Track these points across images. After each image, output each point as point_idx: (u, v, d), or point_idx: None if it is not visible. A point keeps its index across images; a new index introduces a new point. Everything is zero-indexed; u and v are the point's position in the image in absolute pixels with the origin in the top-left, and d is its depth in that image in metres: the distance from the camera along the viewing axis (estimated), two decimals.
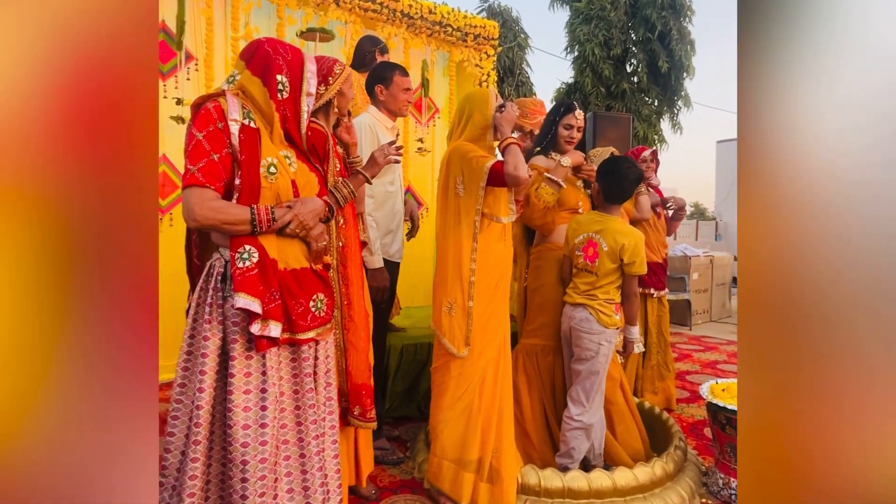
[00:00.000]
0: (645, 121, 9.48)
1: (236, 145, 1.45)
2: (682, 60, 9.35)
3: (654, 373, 3.40)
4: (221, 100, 1.49)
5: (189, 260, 1.70)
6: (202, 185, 1.42)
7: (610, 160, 2.38)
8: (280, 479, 1.53)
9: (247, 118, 1.50)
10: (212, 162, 1.43)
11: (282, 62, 1.53)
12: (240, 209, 1.44)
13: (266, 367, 1.48)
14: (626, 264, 2.22)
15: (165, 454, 1.51)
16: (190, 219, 1.43)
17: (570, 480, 2.09)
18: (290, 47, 1.57)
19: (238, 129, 1.46)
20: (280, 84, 1.52)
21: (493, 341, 2.12)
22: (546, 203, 2.33)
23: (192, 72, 3.90)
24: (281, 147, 1.56)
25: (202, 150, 1.43)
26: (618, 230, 2.25)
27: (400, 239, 2.56)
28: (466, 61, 5.42)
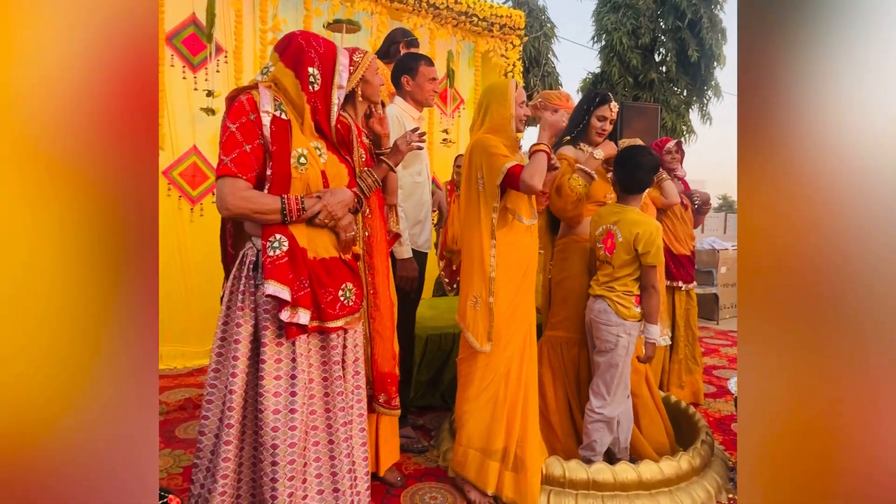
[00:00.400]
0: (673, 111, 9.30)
1: (268, 136, 1.49)
2: (713, 49, 9.14)
3: (682, 367, 3.36)
4: (254, 92, 1.53)
5: (224, 249, 1.74)
6: (234, 175, 1.46)
7: (625, 150, 2.34)
8: (309, 464, 1.57)
9: (278, 110, 1.53)
10: (244, 153, 1.47)
11: (314, 55, 1.55)
12: (270, 199, 1.48)
13: (296, 354, 1.52)
14: (641, 254, 2.18)
15: (200, 437, 1.56)
16: (222, 208, 1.47)
17: (594, 472, 2.09)
18: (323, 40, 1.60)
19: (270, 121, 1.50)
20: (312, 76, 1.55)
21: (518, 332, 2.13)
22: (578, 194, 2.31)
23: (221, 64, 3.97)
24: (311, 138, 1.59)
25: (235, 142, 1.47)
26: (632, 220, 2.21)
27: (428, 229, 2.57)
28: (492, 51, 5.39)
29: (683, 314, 3.37)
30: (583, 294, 2.37)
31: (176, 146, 3.85)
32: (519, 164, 2.03)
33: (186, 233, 3.85)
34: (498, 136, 2.14)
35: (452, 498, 2.18)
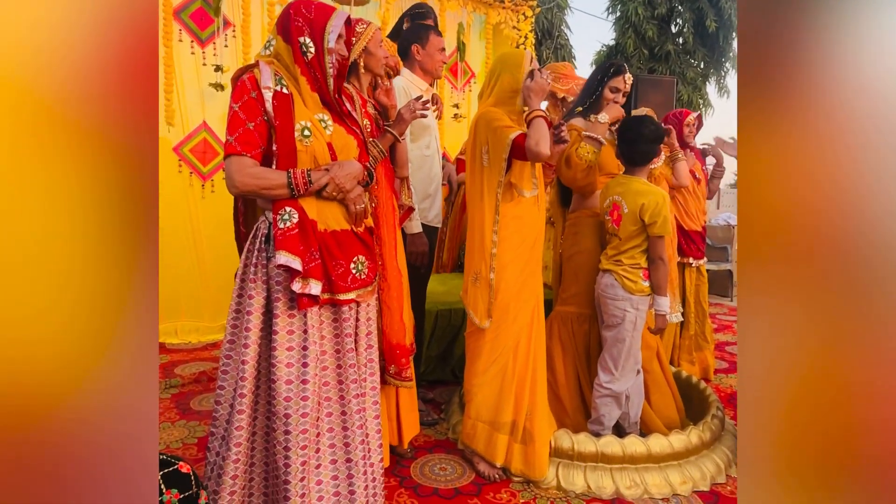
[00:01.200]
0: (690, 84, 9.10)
1: (271, 112, 1.49)
2: (732, 19, 8.87)
3: (692, 343, 3.34)
4: (255, 70, 1.53)
5: (236, 227, 1.77)
6: (240, 153, 1.47)
7: (627, 121, 2.28)
8: (322, 434, 1.60)
9: (279, 84, 1.53)
10: (248, 130, 1.48)
11: (301, 23, 1.53)
12: (277, 174, 1.49)
13: (307, 326, 1.54)
14: (648, 225, 2.14)
15: (216, 406, 1.60)
16: (231, 186, 1.49)
17: (603, 445, 2.10)
18: (316, 7, 1.56)
19: (272, 96, 1.50)
20: (303, 46, 1.53)
21: (526, 306, 2.12)
22: (588, 162, 2.27)
23: (229, 38, 3.93)
24: (316, 110, 1.58)
25: (238, 121, 1.49)
26: (637, 190, 2.17)
27: (438, 204, 2.55)
28: (503, 23, 5.28)
29: (694, 290, 3.34)
30: (594, 269, 2.35)
31: (186, 122, 3.84)
32: (523, 134, 1.99)
33: (198, 209, 3.87)
34: (504, 107, 2.11)
35: (462, 469, 2.21)
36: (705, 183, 3.42)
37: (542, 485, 2.07)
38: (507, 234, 2.09)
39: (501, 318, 2.09)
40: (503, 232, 2.09)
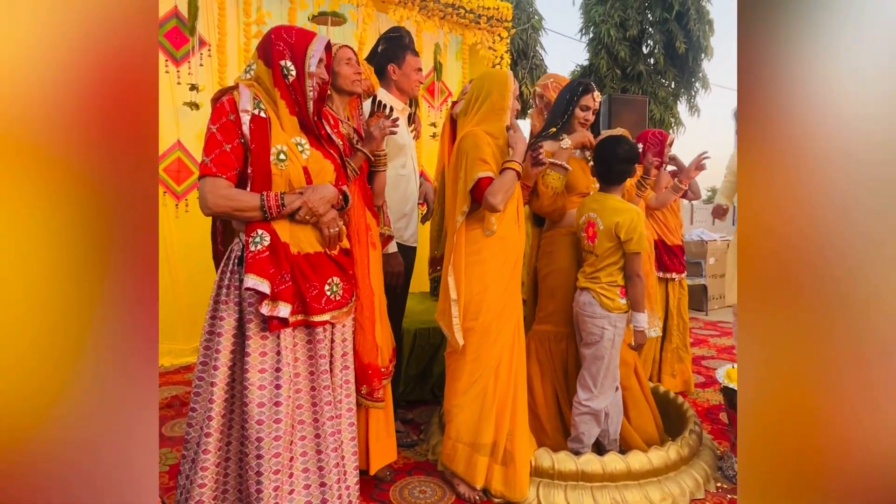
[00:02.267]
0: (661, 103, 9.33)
1: (247, 135, 1.51)
2: (700, 41, 9.17)
3: (674, 356, 3.38)
4: (235, 92, 1.55)
5: (214, 246, 1.77)
6: (215, 174, 1.48)
7: (602, 141, 2.31)
8: (296, 458, 1.57)
9: (257, 108, 1.54)
10: (224, 152, 1.49)
11: (283, 47, 1.55)
12: (250, 196, 1.49)
13: (280, 348, 1.53)
14: (624, 242, 2.16)
15: (188, 428, 1.58)
16: (204, 207, 1.50)
17: (583, 463, 2.09)
18: (297, 31, 1.59)
19: (249, 119, 1.51)
20: (284, 69, 1.55)
21: (507, 325, 2.12)
22: (554, 189, 2.30)
23: (205, 57, 3.90)
24: (294, 134, 1.59)
25: (215, 142, 1.50)
26: (613, 207, 2.20)
27: (415, 223, 2.55)
28: (479, 44, 5.36)
29: (676, 304, 3.40)
30: (570, 287, 2.37)
31: (160, 142, 3.79)
32: (489, 177, 2.01)
33: (171, 229, 3.80)
34: (490, 125, 2.12)
35: (442, 492, 2.18)
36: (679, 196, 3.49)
37: None
38: (490, 255, 2.09)
39: (483, 339, 2.08)
40: (485, 252, 2.09)
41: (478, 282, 2.07)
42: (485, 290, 2.07)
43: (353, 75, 2.00)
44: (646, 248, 2.22)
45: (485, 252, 2.08)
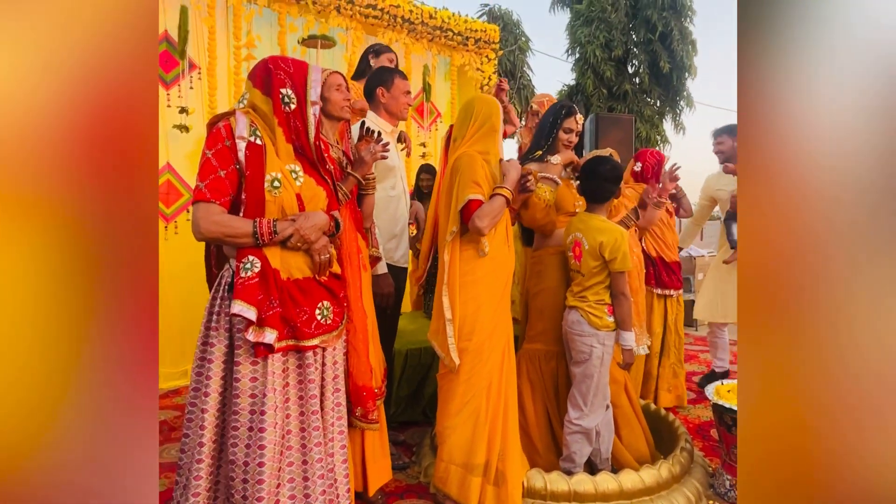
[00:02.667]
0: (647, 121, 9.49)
1: (243, 161, 1.53)
2: (684, 60, 9.37)
3: (670, 371, 3.40)
4: (231, 119, 1.57)
5: (208, 270, 1.77)
6: (208, 200, 1.49)
7: (589, 161, 2.35)
8: (283, 485, 1.57)
9: (253, 135, 1.56)
10: (218, 178, 1.51)
11: (283, 76, 1.58)
12: (242, 222, 1.51)
13: (267, 373, 1.52)
14: (608, 261, 2.19)
15: (181, 454, 1.58)
16: (196, 232, 1.50)
17: (575, 483, 2.09)
18: (292, 61, 1.62)
19: (245, 146, 1.53)
20: (285, 97, 1.58)
21: (498, 345, 2.13)
22: (546, 201, 2.33)
23: (195, 81, 3.93)
24: (288, 161, 1.61)
25: (210, 167, 1.51)
26: (597, 227, 2.23)
27: (405, 244, 2.56)
28: (468, 65, 5.45)
29: (673, 320, 3.43)
30: (559, 306, 2.38)
31: None
32: (479, 200, 2.04)
33: (161, 251, 3.79)
34: (485, 146, 2.16)
35: None
36: (675, 213, 3.53)
37: None
38: (483, 274, 2.11)
39: (476, 359, 2.08)
40: (479, 272, 2.10)
41: (472, 301, 2.08)
42: (478, 309, 2.08)
43: (342, 101, 2.03)
44: (630, 266, 2.25)
45: (478, 272, 2.10)
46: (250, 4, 4.01)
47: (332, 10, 4.30)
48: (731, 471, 2.35)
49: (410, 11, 4.76)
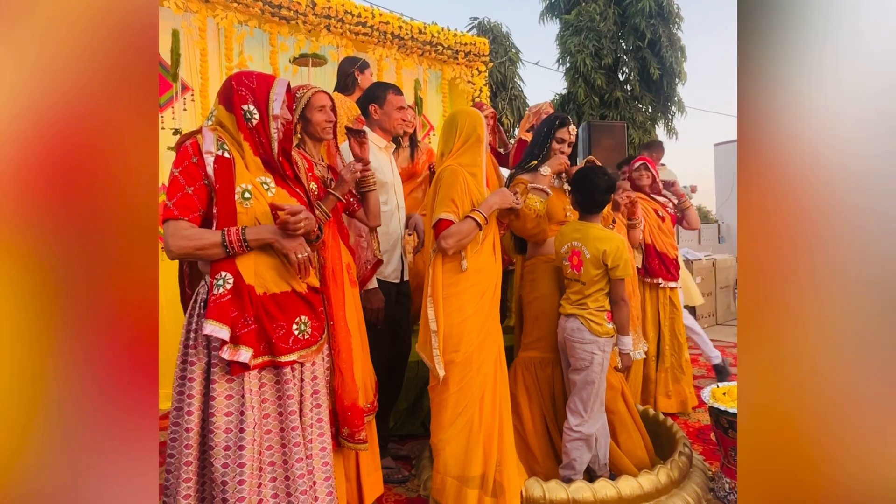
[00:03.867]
0: (640, 128, 9.54)
1: (212, 175, 1.53)
2: (674, 66, 9.44)
3: (668, 375, 3.36)
4: (198, 136, 1.58)
5: (182, 290, 1.76)
6: (176, 217, 1.49)
7: (581, 171, 2.38)
8: (265, 500, 1.56)
9: (221, 149, 1.57)
10: (186, 195, 1.51)
11: (245, 92, 1.60)
12: (211, 234, 1.50)
13: (245, 391, 1.52)
14: (610, 269, 2.22)
15: (167, 475, 1.57)
16: (167, 251, 1.50)
17: (574, 491, 2.08)
18: (257, 76, 1.63)
19: (213, 160, 1.54)
20: (247, 113, 1.59)
21: (489, 355, 2.14)
22: (537, 212, 2.35)
23: (188, 102, 3.98)
24: (258, 174, 1.62)
25: (178, 185, 1.52)
26: (597, 237, 2.25)
27: (397, 259, 2.56)
28: (458, 78, 5.50)
29: (668, 322, 3.39)
30: (554, 313, 2.40)
31: None
32: (449, 221, 2.07)
33: None
34: (470, 158, 2.19)
35: None
36: (670, 220, 3.53)
37: None
38: (467, 286, 2.12)
39: (465, 370, 2.09)
40: (463, 284, 2.12)
41: (457, 313, 2.09)
42: (464, 321, 2.09)
43: (324, 122, 2.04)
44: (630, 273, 2.28)
45: (462, 283, 2.11)
46: (241, 26, 4.06)
47: (323, 29, 4.36)
48: (730, 474, 2.34)
49: (400, 27, 4.82)
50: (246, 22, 4.07)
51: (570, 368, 2.30)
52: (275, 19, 4.15)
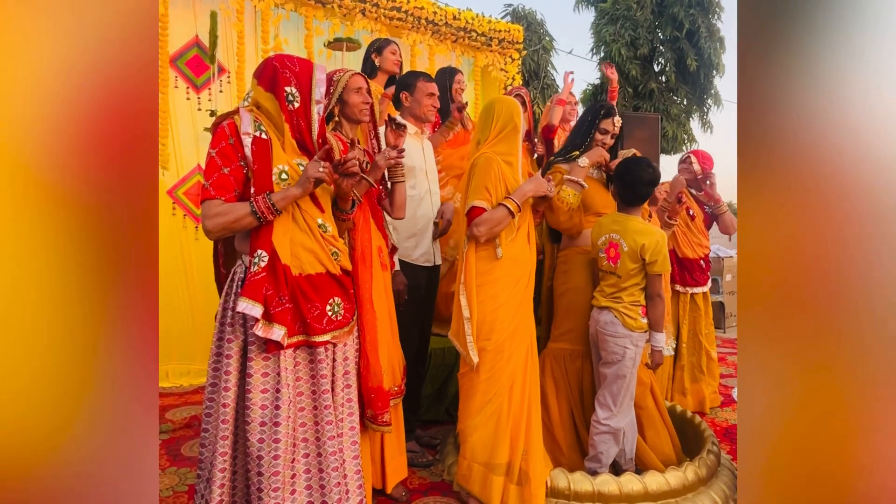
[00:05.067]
0: (674, 120, 9.33)
1: (249, 157, 1.55)
2: (712, 58, 9.19)
3: (686, 374, 3.34)
4: (235, 117, 1.59)
5: (216, 269, 1.80)
6: (213, 197, 1.52)
7: (624, 162, 2.34)
8: (298, 475, 1.60)
9: (258, 130, 1.58)
10: (223, 175, 1.53)
11: (289, 74, 1.61)
12: (241, 205, 1.52)
13: (280, 368, 1.55)
14: (648, 263, 2.19)
15: (201, 448, 1.62)
16: (205, 230, 1.54)
17: (600, 484, 2.08)
18: (298, 60, 1.64)
19: (251, 142, 1.56)
20: (289, 95, 1.60)
21: (521, 345, 2.13)
22: (570, 205, 2.32)
23: (224, 84, 4.03)
24: (294, 156, 1.64)
25: (214, 166, 1.54)
26: (637, 230, 2.22)
27: (426, 243, 2.56)
28: (491, 66, 5.44)
29: (688, 321, 3.35)
30: (586, 305, 2.38)
31: (181, 166, 3.90)
32: (482, 208, 2.06)
33: (191, 251, 3.88)
34: (506, 147, 2.17)
35: None
36: (701, 219, 3.45)
37: None
38: (501, 275, 2.12)
39: (496, 359, 2.09)
40: (497, 272, 2.11)
41: (491, 301, 2.09)
42: (497, 309, 2.09)
43: (361, 104, 2.04)
44: (668, 269, 2.25)
45: (496, 272, 2.11)
46: (278, 9, 4.09)
47: (357, 13, 4.36)
48: None
49: (434, 13, 4.78)
50: (282, 5, 4.09)
51: (602, 362, 2.28)
52: (311, 3, 4.16)
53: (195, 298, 3.86)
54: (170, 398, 3.47)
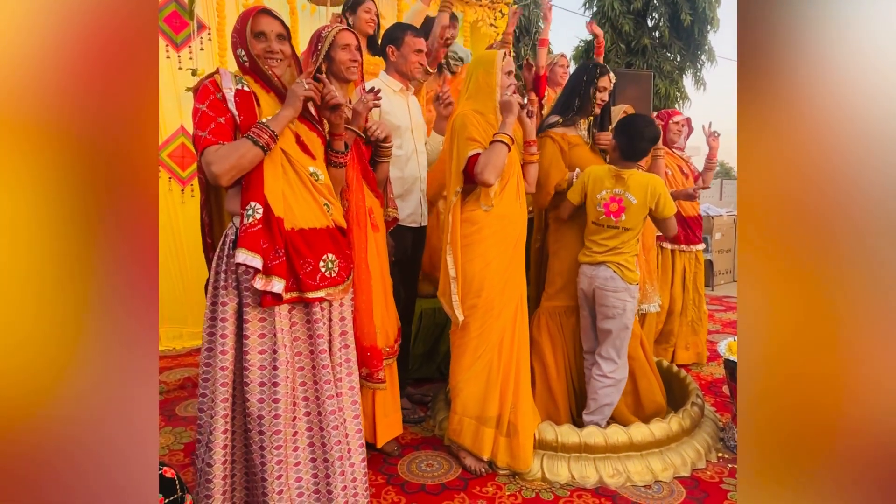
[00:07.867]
0: (666, 77, 9.21)
1: (234, 110, 1.54)
2: (706, 12, 9.01)
3: (689, 329, 3.45)
4: (216, 76, 1.59)
5: (203, 239, 1.78)
6: (213, 143, 1.50)
7: (627, 118, 2.36)
8: (300, 433, 1.62)
9: (239, 83, 1.59)
10: (219, 124, 1.53)
11: (235, 37, 1.63)
12: (240, 142, 1.51)
13: (276, 329, 1.55)
14: (660, 208, 2.26)
15: (199, 412, 1.62)
16: (212, 177, 1.49)
17: (586, 436, 2.14)
18: (241, 17, 1.63)
19: (233, 94, 1.55)
20: (241, 58, 1.63)
21: (510, 301, 2.15)
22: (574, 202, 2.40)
23: (205, 41, 3.89)
24: (276, 110, 1.61)
25: (207, 117, 1.53)
26: (642, 182, 2.26)
27: (414, 203, 2.52)
28: (481, 21, 5.30)
29: (692, 277, 3.45)
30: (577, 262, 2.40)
31: (164, 127, 3.80)
32: (477, 154, 2.04)
33: (178, 214, 3.84)
34: (480, 104, 2.16)
35: (448, 465, 2.23)
36: (693, 178, 3.48)
37: (527, 476, 2.11)
38: (490, 233, 2.12)
39: (486, 316, 2.11)
40: (485, 230, 2.11)
41: (479, 259, 2.10)
42: (486, 266, 2.10)
43: (348, 62, 1.97)
44: (675, 208, 2.31)
45: (485, 230, 2.11)
46: None
47: None
48: None
49: None
50: None
51: (602, 318, 2.30)
52: None
53: (184, 263, 3.84)
54: (163, 361, 3.50)
